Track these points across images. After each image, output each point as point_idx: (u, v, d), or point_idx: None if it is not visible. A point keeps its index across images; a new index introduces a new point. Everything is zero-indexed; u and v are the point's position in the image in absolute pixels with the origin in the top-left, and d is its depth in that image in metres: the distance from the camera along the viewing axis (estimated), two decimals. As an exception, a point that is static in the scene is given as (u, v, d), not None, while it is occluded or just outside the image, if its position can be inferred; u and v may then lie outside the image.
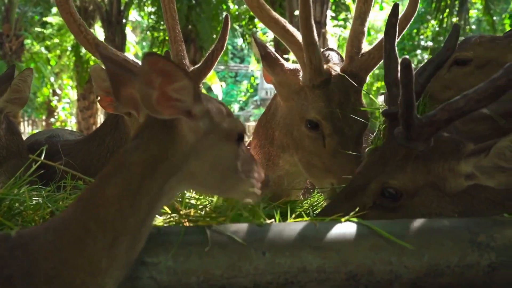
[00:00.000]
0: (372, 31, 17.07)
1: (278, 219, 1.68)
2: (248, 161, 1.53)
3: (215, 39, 2.89)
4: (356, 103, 2.28)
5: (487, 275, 1.52)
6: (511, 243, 1.55)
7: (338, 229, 1.53)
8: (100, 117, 16.48)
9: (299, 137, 2.30)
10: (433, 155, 1.76)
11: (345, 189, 1.91)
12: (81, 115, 16.24)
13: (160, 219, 1.71)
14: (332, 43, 13.74)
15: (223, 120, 1.48)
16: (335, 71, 2.33)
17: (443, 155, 1.76)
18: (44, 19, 17.19)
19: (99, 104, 2.63)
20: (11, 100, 2.82)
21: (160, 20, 13.57)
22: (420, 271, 1.49)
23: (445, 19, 13.55)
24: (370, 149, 1.97)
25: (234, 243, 1.44)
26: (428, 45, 17.27)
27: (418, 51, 17.59)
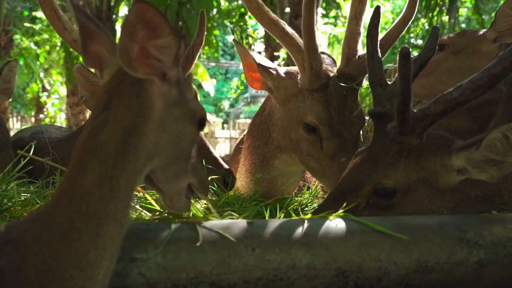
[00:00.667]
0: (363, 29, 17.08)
1: (268, 216, 1.69)
2: (196, 159, 1.49)
3: (205, 35, 2.88)
4: (353, 105, 2.28)
5: (476, 272, 1.53)
6: (499, 240, 1.56)
7: (327, 226, 1.53)
8: (90, 113, 16.36)
9: (296, 139, 2.30)
10: (424, 151, 1.76)
11: (334, 191, 1.90)
12: (71, 111, 16.14)
13: (149, 215, 1.71)
14: (323, 41, 13.77)
15: (191, 98, 1.44)
16: (332, 73, 2.33)
17: (434, 150, 1.77)
18: (34, 14, 17.06)
19: (84, 105, 2.60)
20: (1, 91, 2.84)
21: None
22: (409, 268, 1.49)
23: (435, 18, 13.60)
24: (358, 150, 1.98)
25: (224, 240, 1.44)
26: (418, 43, 17.33)
27: (408, 49, 17.59)
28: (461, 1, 15.81)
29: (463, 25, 17.30)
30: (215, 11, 13.79)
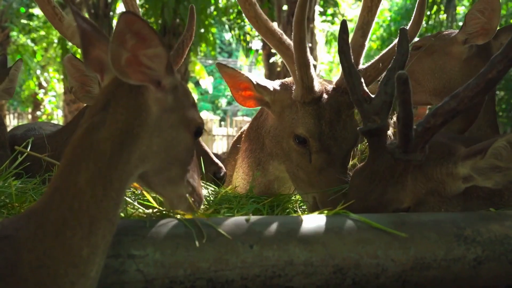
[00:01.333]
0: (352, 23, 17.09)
1: (265, 213, 1.69)
2: (194, 168, 1.52)
3: (202, 33, 2.89)
4: (347, 120, 2.23)
5: (473, 268, 1.54)
6: (496, 237, 1.57)
7: (324, 223, 1.53)
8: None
9: (287, 149, 2.28)
10: (429, 162, 1.76)
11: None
12: (68, 108, 16.09)
13: (147, 212, 1.71)
14: (320, 38, 13.76)
15: (188, 106, 1.47)
16: (329, 86, 2.31)
17: (438, 160, 1.78)
18: (31, 11, 17.03)
19: (73, 95, 2.60)
20: (6, 90, 2.85)
21: (148, 13, 13.48)
22: (407, 265, 1.50)
23: (432, 16, 13.62)
24: (356, 170, 1.94)
25: (222, 236, 1.44)
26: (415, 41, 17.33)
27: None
28: (458, -1, 15.82)
29: (460, 23, 17.28)
30: (212, 8, 13.76)
